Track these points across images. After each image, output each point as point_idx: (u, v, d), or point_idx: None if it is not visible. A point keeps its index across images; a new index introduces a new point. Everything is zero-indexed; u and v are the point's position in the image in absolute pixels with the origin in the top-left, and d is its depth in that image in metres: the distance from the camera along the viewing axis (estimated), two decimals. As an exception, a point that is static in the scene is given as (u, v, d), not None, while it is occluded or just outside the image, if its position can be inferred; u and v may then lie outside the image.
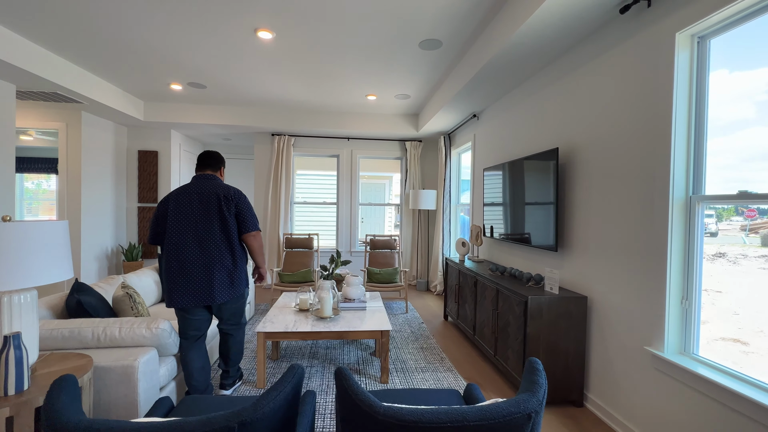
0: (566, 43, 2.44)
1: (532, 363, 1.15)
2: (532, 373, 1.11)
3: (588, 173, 2.34)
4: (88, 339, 1.83)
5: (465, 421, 0.91)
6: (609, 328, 2.15)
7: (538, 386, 1.04)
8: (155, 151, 5.36)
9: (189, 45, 3.14)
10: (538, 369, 1.12)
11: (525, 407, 0.96)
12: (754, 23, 1.54)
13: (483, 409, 0.94)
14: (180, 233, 2.07)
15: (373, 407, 0.94)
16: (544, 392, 1.04)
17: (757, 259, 1.60)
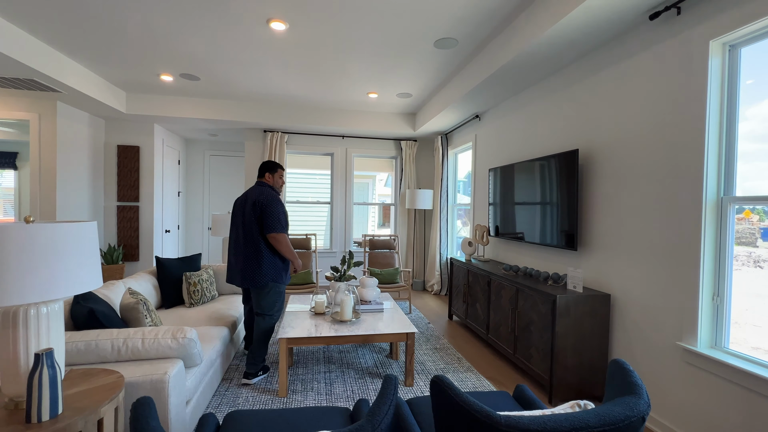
0: (590, 46, 2.50)
1: (621, 364, 1.15)
2: (626, 375, 1.10)
3: (609, 174, 2.41)
4: (107, 352, 1.65)
5: (588, 428, 0.89)
6: (633, 324, 2.22)
7: (638, 387, 1.04)
8: (136, 146, 5.00)
9: (191, 33, 2.94)
10: (629, 369, 1.11)
11: (639, 410, 0.95)
12: (788, 34, 1.63)
13: (601, 414, 0.91)
14: (233, 230, 2.63)
15: (492, 418, 0.89)
16: (647, 393, 1.03)
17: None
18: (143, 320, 2.02)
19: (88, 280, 1.28)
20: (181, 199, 6.18)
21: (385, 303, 3.12)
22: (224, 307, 2.99)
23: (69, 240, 1.23)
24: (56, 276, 1.19)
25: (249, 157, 5.40)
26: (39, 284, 1.15)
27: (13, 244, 1.13)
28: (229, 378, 2.56)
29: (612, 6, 2.01)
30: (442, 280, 5.28)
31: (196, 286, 3.07)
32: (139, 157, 5.01)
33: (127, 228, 4.99)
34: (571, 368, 2.32)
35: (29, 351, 1.20)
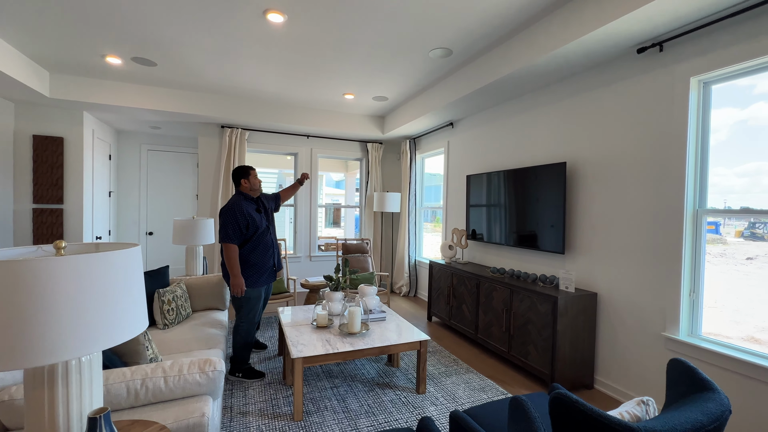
0: (581, 69, 2.77)
1: (684, 363, 1.31)
2: (692, 372, 1.25)
3: (595, 185, 2.70)
4: (122, 398, 1.37)
5: (703, 426, 1.00)
6: (618, 319, 2.53)
7: (711, 382, 1.19)
8: (60, 137, 4.17)
9: (165, 15, 2.55)
10: (693, 367, 1.27)
11: (726, 402, 1.09)
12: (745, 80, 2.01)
13: (709, 412, 1.03)
14: None
15: (632, 428, 0.95)
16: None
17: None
18: (144, 353, 1.70)
19: (140, 320, 1.05)
20: (113, 200, 5.32)
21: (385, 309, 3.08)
22: (205, 325, 2.67)
23: (118, 273, 0.99)
24: (106, 320, 0.95)
25: (203, 153, 4.86)
26: (85, 333, 0.91)
27: (44, 285, 0.87)
28: (227, 406, 2.30)
29: (605, 40, 2.26)
30: (411, 281, 5.38)
31: (171, 304, 2.68)
32: (63, 151, 4.18)
33: (47, 235, 4.14)
34: (567, 362, 2.56)
35: (71, 413, 0.94)
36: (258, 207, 2.80)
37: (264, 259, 2.75)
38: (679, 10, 1.93)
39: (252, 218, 2.65)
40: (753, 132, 2.01)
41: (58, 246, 0.96)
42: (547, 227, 2.94)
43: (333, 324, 2.69)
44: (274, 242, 2.87)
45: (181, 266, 5.88)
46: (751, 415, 1.89)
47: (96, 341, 0.93)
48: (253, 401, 2.36)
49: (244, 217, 2.61)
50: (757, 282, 2.04)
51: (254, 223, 2.66)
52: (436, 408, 2.33)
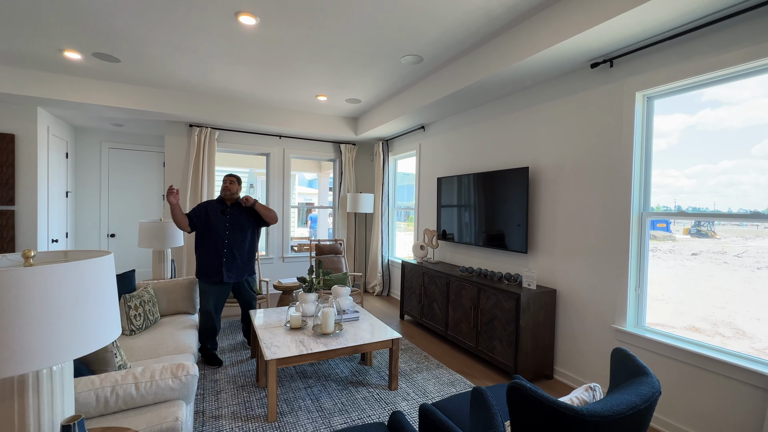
0: (538, 81, 2.95)
1: (624, 351, 1.46)
2: (630, 359, 1.41)
3: (553, 189, 2.89)
4: (91, 407, 1.35)
5: (636, 406, 1.14)
6: (575, 313, 2.73)
7: (645, 367, 1.35)
8: (11, 133, 3.91)
9: (129, 10, 2.48)
10: (632, 355, 1.43)
11: (657, 385, 1.25)
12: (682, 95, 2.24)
13: (642, 394, 1.18)
14: None
15: (578, 412, 1.07)
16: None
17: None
18: (112, 360, 1.68)
19: (112, 328, 1.06)
20: (70, 200, 5.04)
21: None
22: (175, 330, 2.63)
23: (89, 282, 1.00)
24: (78, 329, 0.95)
25: (170, 153, 4.71)
26: (57, 343, 0.91)
27: (14, 296, 0.87)
28: (198, 411, 2.28)
29: (561, 55, 2.44)
30: (384, 281, 5.47)
31: (138, 309, 2.62)
32: (14, 148, 3.93)
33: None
34: (530, 354, 2.73)
35: (42, 422, 0.94)
36: (224, 210, 3.03)
37: (207, 256, 2.96)
38: (623, 30, 2.12)
39: (207, 214, 3.00)
40: (700, 136, 2.20)
41: (26, 255, 0.96)
42: (514, 227, 3.11)
43: (307, 325, 2.73)
44: (226, 250, 2.96)
45: (147, 269, 5.66)
46: (686, 395, 2.11)
47: (68, 350, 0.93)
48: (225, 404, 2.35)
49: (201, 207, 3.03)
50: (699, 275, 2.27)
51: (207, 220, 2.99)
52: (407, 403, 2.43)
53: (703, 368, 2.03)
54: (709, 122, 2.17)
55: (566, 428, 1.08)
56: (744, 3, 1.82)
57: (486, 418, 1.09)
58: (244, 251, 3.05)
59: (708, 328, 2.19)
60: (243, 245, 3.04)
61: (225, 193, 3.04)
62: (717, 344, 2.07)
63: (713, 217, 2.14)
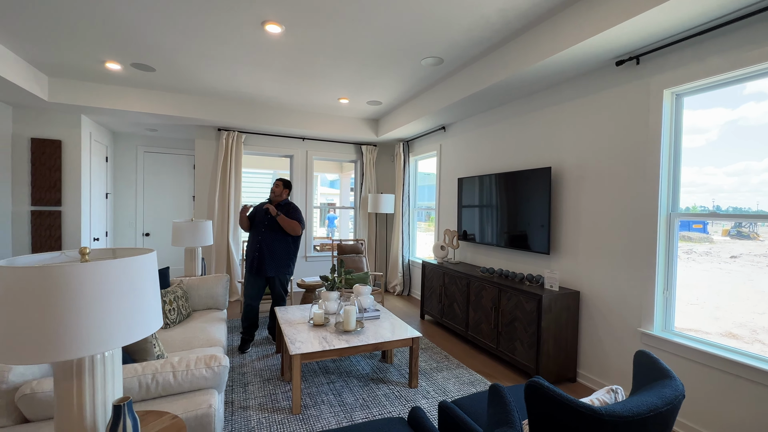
0: (562, 79, 2.91)
1: (647, 354, 1.45)
2: (654, 362, 1.40)
3: (577, 189, 2.85)
4: (134, 392, 1.47)
5: (657, 408, 1.14)
6: (599, 315, 2.68)
7: (669, 371, 1.33)
8: (58, 140, 4.22)
9: (164, 23, 2.63)
10: (655, 357, 1.41)
11: (681, 388, 1.23)
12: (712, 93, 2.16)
13: (664, 396, 1.17)
14: None
15: (596, 411, 1.08)
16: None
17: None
18: (152, 350, 1.81)
19: (155, 320, 1.16)
20: (109, 201, 5.37)
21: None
22: (206, 324, 2.77)
23: (136, 276, 1.10)
24: (126, 318, 1.05)
25: (200, 156, 4.94)
26: (108, 330, 1.01)
27: (74, 287, 0.98)
28: (228, 401, 2.40)
29: (587, 53, 2.40)
30: (404, 280, 5.51)
31: (172, 305, 2.78)
32: (61, 154, 4.24)
33: (45, 237, 4.19)
34: (552, 356, 2.71)
35: (96, 402, 1.05)
36: (268, 211, 3.34)
37: (249, 248, 3.34)
38: (649, 27, 2.08)
39: (256, 213, 3.38)
40: (743, 132, 2.06)
41: (83, 252, 1.07)
42: (537, 228, 3.08)
43: (329, 322, 2.81)
44: (259, 245, 3.26)
45: (179, 267, 5.94)
46: (718, 403, 2.04)
47: (118, 338, 1.03)
48: (252, 396, 2.47)
49: (257, 207, 3.41)
50: (738, 279, 2.17)
51: (254, 218, 3.36)
52: (427, 401, 2.46)
53: (740, 376, 1.96)
54: (754, 116, 2.04)
55: (583, 427, 1.09)
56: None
57: (503, 413, 1.12)
58: (275, 250, 3.26)
59: (746, 334, 2.10)
60: (274, 244, 3.26)
61: (271, 196, 3.39)
62: (756, 352, 1.99)
63: (755, 218, 2.04)
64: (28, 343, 0.90)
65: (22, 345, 0.90)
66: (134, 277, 1.08)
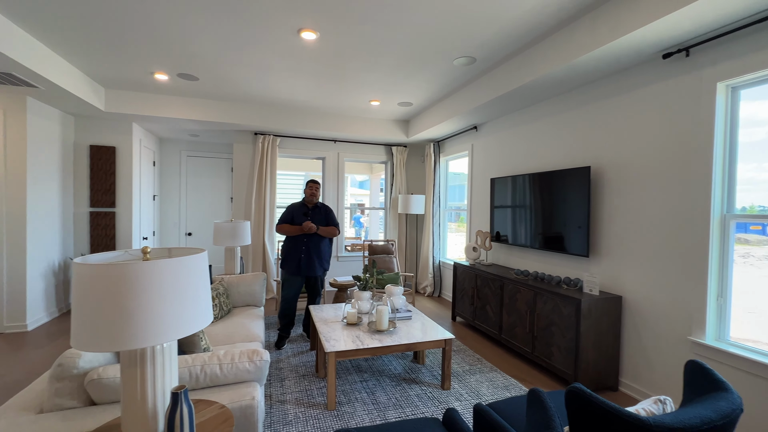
0: (602, 75, 2.80)
1: (699, 364, 1.37)
2: (708, 373, 1.32)
3: (619, 189, 2.72)
4: (185, 380, 1.58)
5: (712, 422, 1.08)
6: (644, 322, 2.54)
7: (725, 383, 1.26)
8: (112, 146, 4.57)
9: (206, 35, 2.79)
10: (709, 368, 1.33)
11: (738, 402, 1.16)
12: None
13: (719, 410, 1.11)
14: None
15: (642, 421, 1.05)
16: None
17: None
18: (199, 343, 1.93)
19: (206, 315, 1.24)
20: (156, 203, 5.74)
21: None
22: (245, 320, 2.90)
23: (190, 274, 1.18)
24: (182, 312, 1.14)
25: (238, 159, 5.17)
26: (167, 323, 1.10)
27: (139, 283, 1.07)
28: (267, 395, 2.51)
29: (630, 47, 2.29)
30: (435, 282, 5.48)
31: (215, 301, 2.94)
32: (115, 159, 4.59)
33: (102, 236, 4.55)
34: (591, 363, 2.60)
35: (156, 389, 1.14)
36: (306, 212, 3.43)
37: (291, 252, 3.38)
38: (705, 16, 1.95)
39: (292, 216, 3.41)
40: None
41: (145, 251, 1.16)
42: (574, 229, 2.97)
43: (362, 321, 2.86)
44: (305, 247, 3.37)
45: (219, 265, 6.25)
46: (780, 420, 1.89)
47: (174, 330, 1.12)
48: (289, 391, 2.56)
49: (289, 210, 3.44)
50: None
51: (292, 221, 3.40)
52: (460, 403, 2.45)
53: (803, 391, 1.80)
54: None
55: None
56: None
57: (544, 418, 1.10)
58: (320, 249, 3.43)
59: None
60: (320, 244, 3.42)
61: (310, 198, 3.44)
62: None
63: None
64: (101, 333, 1.00)
65: (96, 334, 1.00)
66: (189, 274, 1.17)
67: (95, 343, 1.02)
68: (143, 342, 1.04)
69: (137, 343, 1.03)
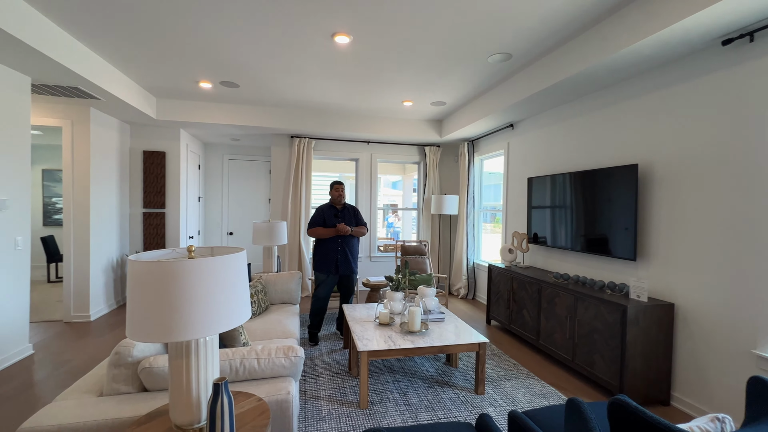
0: (651, 66, 2.61)
1: (764, 380, 1.24)
2: (776, 391, 1.19)
3: (672, 188, 2.53)
4: (225, 372, 1.66)
5: (781, 446, 0.97)
6: (700, 332, 2.34)
7: (797, 404, 1.13)
8: (162, 151, 4.92)
9: (245, 44, 2.92)
10: (777, 387, 1.20)
11: (813, 427, 1.04)
12: None
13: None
14: None
15: (696, 439, 0.96)
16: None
17: None
18: (239, 338, 2.02)
19: (245, 310, 1.30)
20: (201, 204, 6.10)
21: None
22: (282, 317, 3.00)
23: (230, 271, 1.24)
24: (224, 308, 1.20)
25: (275, 161, 5.37)
26: (210, 318, 1.16)
27: (185, 280, 1.14)
28: (301, 390, 2.58)
29: (684, 34, 2.12)
30: (469, 284, 5.37)
31: (253, 298, 3.07)
32: (165, 163, 4.93)
33: (153, 235, 4.91)
34: (639, 375, 2.44)
35: (200, 379, 1.22)
36: (336, 213, 3.52)
37: (327, 251, 3.45)
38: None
39: (324, 218, 3.48)
40: None
41: (190, 249, 1.24)
42: (620, 231, 2.80)
43: (394, 322, 2.86)
44: (340, 248, 3.45)
45: (258, 263, 6.52)
46: None
47: (217, 325, 1.18)
48: (323, 388, 2.62)
49: (319, 213, 3.51)
50: None
51: (324, 223, 3.48)
52: (495, 409, 2.38)
53: None
54: None
55: (682, 456, 0.98)
56: None
57: (583, 430, 1.05)
58: (354, 249, 3.55)
59: None
60: (353, 243, 3.54)
61: (337, 200, 3.52)
62: None
63: None
64: (152, 325, 1.08)
65: (147, 326, 1.08)
66: (229, 272, 1.23)
67: (146, 334, 1.10)
68: (188, 335, 1.10)
69: (183, 335, 1.10)
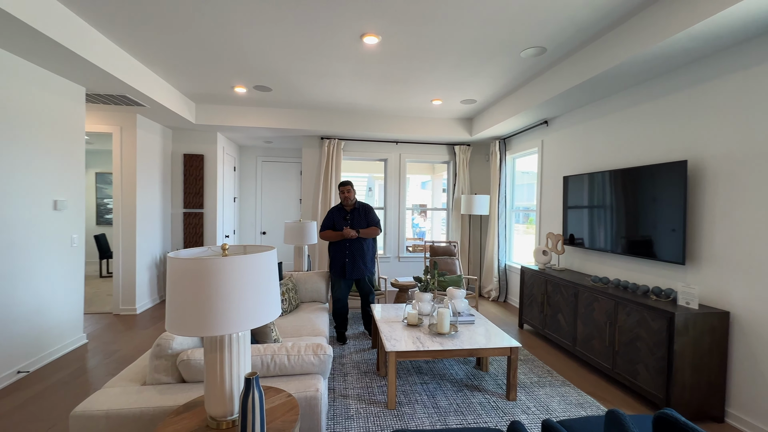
0: (700, 55, 2.42)
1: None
2: None
3: (726, 186, 2.32)
4: (257, 368, 1.71)
5: None
6: (760, 344, 2.13)
7: None
8: (201, 154, 5.16)
9: (277, 49, 3.00)
10: None
11: None
12: None
13: None
14: None
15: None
16: None
17: None
18: (270, 334, 2.08)
19: (276, 307, 1.33)
20: (236, 204, 6.34)
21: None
22: (311, 315, 3.05)
23: (262, 269, 1.27)
24: (255, 305, 1.23)
25: (306, 163, 5.49)
26: (243, 314, 1.20)
27: (220, 277, 1.17)
28: (330, 388, 2.61)
29: (741, 17, 1.93)
30: (500, 286, 5.22)
31: (284, 296, 3.14)
32: (203, 165, 5.17)
33: (192, 234, 5.16)
34: (688, 387, 2.26)
35: (233, 373, 1.26)
36: (346, 216, 3.50)
37: (335, 255, 3.48)
38: None
39: (334, 221, 3.50)
40: None
41: (224, 248, 1.28)
42: (667, 232, 2.61)
43: (422, 323, 2.83)
44: (348, 251, 3.44)
45: (289, 262, 6.70)
46: None
47: (249, 320, 1.22)
48: (351, 387, 2.64)
49: (330, 216, 3.52)
50: None
51: (334, 226, 3.49)
52: (527, 416, 2.29)
53: None
54: None
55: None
56: None
57: (625, 445, 0.98)
58: (363, 252, 3.48)
59: None
60: (362, 247, 3.47)
61: (345, 202, 3.48)
62: None
63: None
64: (188, 319, 1.13)
65: (184, 320, 1.13)
66: (260, 270, 1.26)
67: (184, 328, 1.15)
68: (221, 329, 1.14)
69: (216, 330, 1.14)
